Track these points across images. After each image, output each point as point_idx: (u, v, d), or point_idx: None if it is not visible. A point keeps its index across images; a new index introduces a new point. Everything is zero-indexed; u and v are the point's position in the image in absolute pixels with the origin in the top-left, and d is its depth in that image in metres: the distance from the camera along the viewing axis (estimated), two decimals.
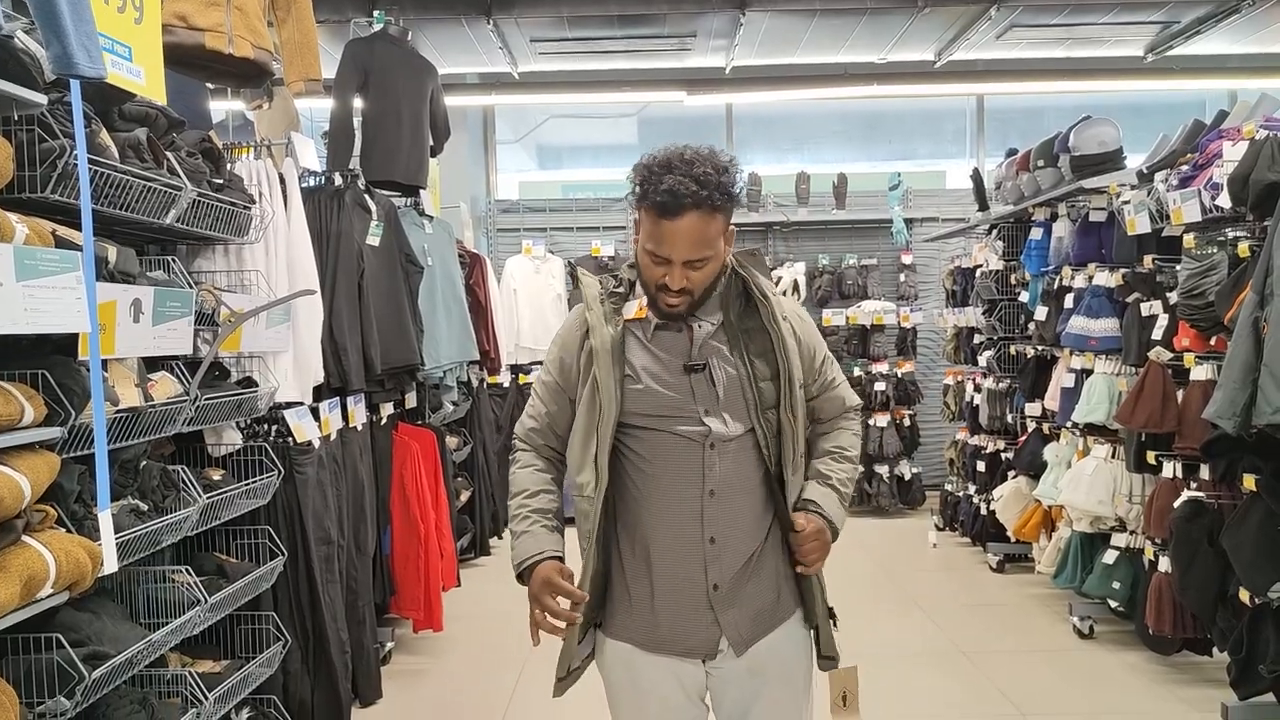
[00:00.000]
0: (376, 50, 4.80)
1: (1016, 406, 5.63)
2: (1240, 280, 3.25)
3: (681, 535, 1.87)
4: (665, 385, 1.87)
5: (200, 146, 2.87)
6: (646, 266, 1.84)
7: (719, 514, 1.86)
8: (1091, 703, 3.84)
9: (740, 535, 1.88)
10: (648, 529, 1.88)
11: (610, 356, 1.86)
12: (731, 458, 1.87)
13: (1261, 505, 3.23)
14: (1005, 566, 5.72)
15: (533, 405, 2.03)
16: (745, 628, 1.90)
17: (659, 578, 1.88)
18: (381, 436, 4.28)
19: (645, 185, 1.79)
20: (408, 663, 4.44)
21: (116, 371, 2.34)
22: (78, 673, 2.06)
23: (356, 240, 3.92)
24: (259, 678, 2.97)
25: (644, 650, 1.92)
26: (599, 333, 1.88)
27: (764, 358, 1.89)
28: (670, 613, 1.89)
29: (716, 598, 1.88)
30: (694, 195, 1.74)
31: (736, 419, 1.86)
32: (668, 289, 1.83)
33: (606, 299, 1.94)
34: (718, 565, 1.87)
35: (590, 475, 1.87)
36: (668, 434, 1.86)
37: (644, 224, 1.82)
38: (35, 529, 1.94)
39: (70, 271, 1.94)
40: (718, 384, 1.87)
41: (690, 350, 1.89)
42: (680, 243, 1.78)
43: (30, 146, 2.06)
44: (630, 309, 1.92)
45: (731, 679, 1.93)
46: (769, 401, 1.87)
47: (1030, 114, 8.49)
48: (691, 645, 1.91)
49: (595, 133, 8.96)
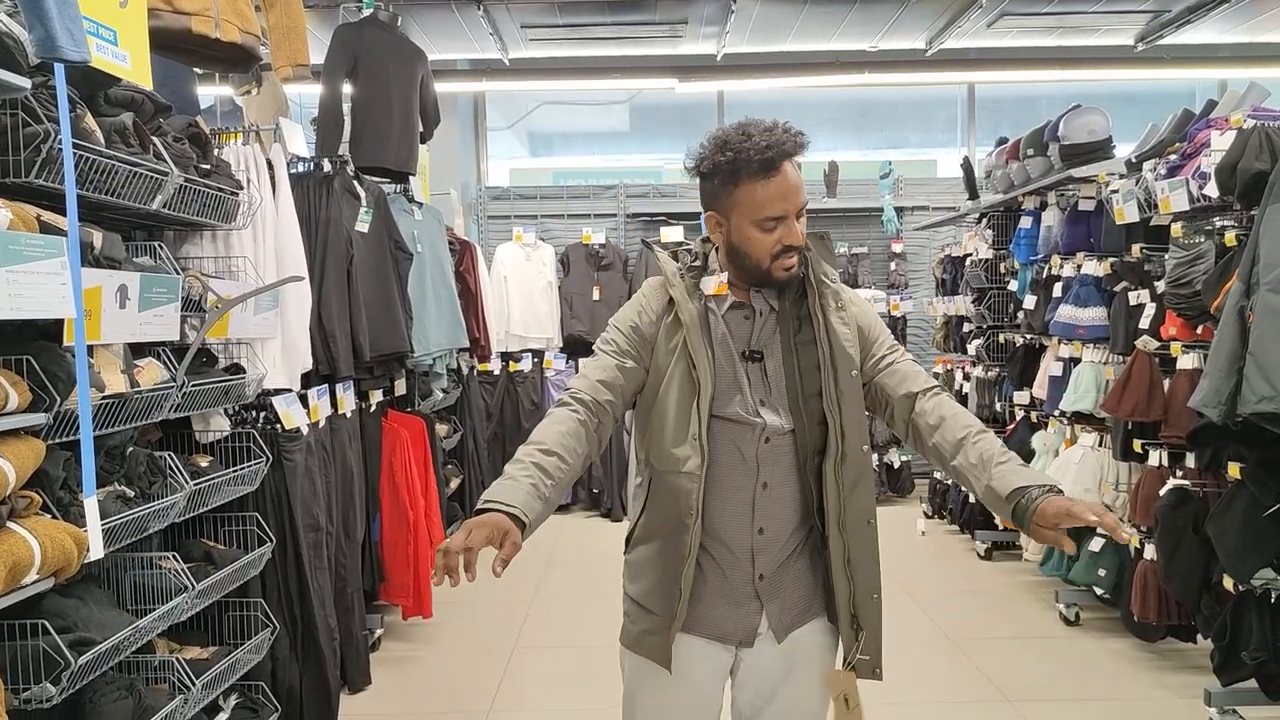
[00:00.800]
0: (366, 35, 4.77)
1: (1005, 395, 5.65)
2: (1227, 269, 3.27)
3: (734, 524, 1.87)
4: (729, 370, 1.87)
5: (187, 132, 2.85)
6: (758, 240, 1.82)
7: (769, 505, 1.87)
8: (1077, 689, 3.87)
9: (787, 527, 1.89)
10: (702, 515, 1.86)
11: (700, 332, 1.85)
12: (782, 450, 1.86)
13: (1246, 493, 3.25)
14: (993, 554, 5.75)
15: (596, 359, 1.93)
16: (785, 617, 1.92)
17: (708, 563, 1.89)
18: (371, 424, 4.27)
19: (738, 158, 1.78)
20: (397, 649, 4.45)
21: (102, 357, 2.33)
22: (64, 659, 2.05)
23: (345, 227, 3.90)
24: (247, 664, 2.97)
25: (683, 632, 1.91)
26: (686, 307, 1.86)
27: (808, 347, 1.88)
28: (715, 598, 1.90)
29: (761, 587, 1.89)
30: (790, 142, 1.80)
31: (789, 411, 1.86)
32: (789, 249, 1.82)
33: (686, 274, 1.93)
34: (765, 556, 1.88)
35: (690, 451, 1.82)
36: (727, 421, 1.85)
37: (749, 198, 1.80)
38: (20, 515, 1.93)
39: (55, 257, 1.93)
40: (770, 375, 1.87)
41: (751, 337, 1.89)
42: (792, 191, 1.80)
43: (14, 131, 2.04)
44: (710, 284, 1.90)
45: (764, 660, 1.94)
46: (812, 390, 1.86)
47: (1021, 103, 8.49)
48: (730, 630, 1.91)
49: (587, 120, 8.94)
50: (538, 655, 4.31)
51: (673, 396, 1.85)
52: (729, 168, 1.80)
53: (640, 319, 1.92)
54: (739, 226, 1.83)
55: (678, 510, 1.84)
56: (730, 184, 1.81)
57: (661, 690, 1.94)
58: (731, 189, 1.82)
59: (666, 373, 1.87)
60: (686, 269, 1.94)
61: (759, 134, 1.79)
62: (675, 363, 1.86)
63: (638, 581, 1.96)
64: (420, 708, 3.85)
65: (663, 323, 1.90)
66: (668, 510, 1.87)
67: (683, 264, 1.95)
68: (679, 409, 1.85)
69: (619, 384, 1.89)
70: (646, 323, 1.91)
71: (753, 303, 1.90)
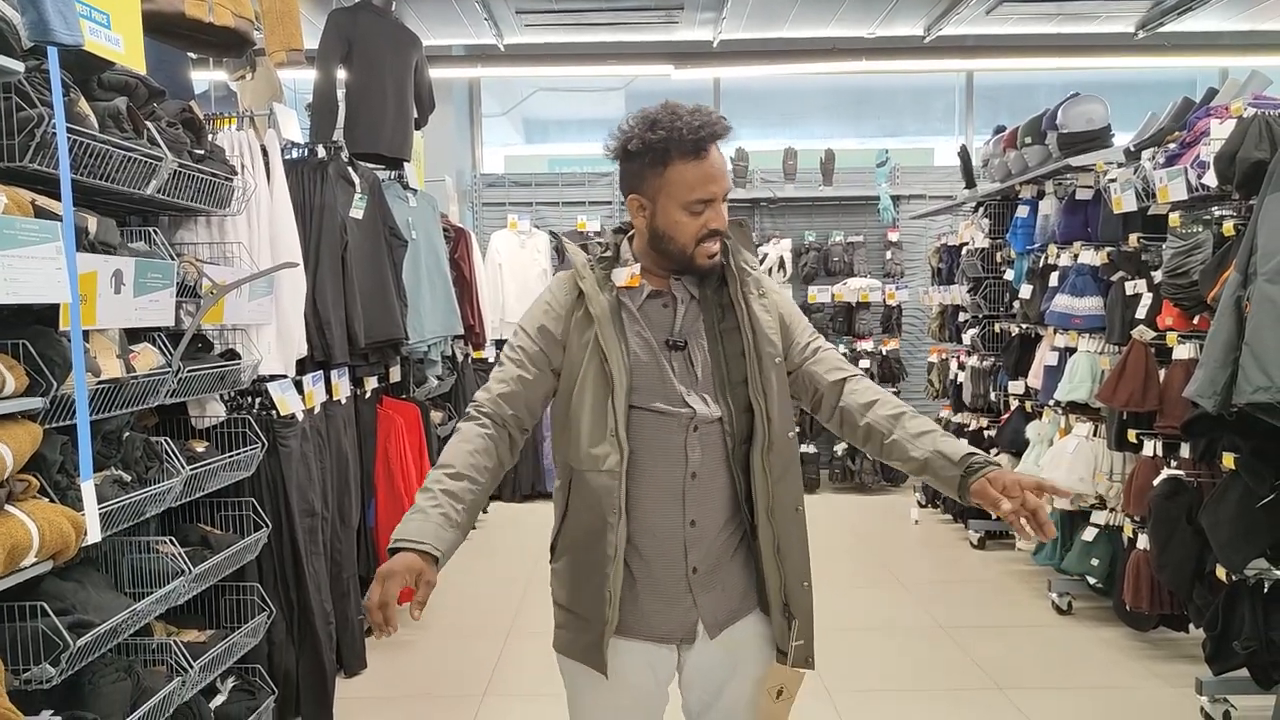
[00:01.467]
0: (360, 20, 4.75)
1: (1000, 384, 5.66)
2: (1224, 259, 3.26)
3: (664, 517, 1.83)
4: (649, 361, 1.83)
5: (181, 116, 2.84)
6: (684, 224, 1.79)
7: (699, 496, 1.83)
8: (1068, 677, 3.89)
9: (718, 518, 1.86)
10: (631, 511, 1.82)
11: (612, 325, 1.81)
12: (711, 438, 1.83)
13: (1240, 484, 3.26)
14: (986, 543, 5.77)
15: (502, 371, 1.89)
16: (721, 611, 1.88)
17: (639, 562, 1.84)
18: (365, 410, 4.27)
19: (669, 138, 1.75)
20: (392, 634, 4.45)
21: (98, 342, 2.33)
22: (62, 641, 2.06)
23: (340, 213, 3.89)
24: (244, 647, 2.98)
25: (619, 636, 1.86)
26: (596, 300, 1.82)
27: (732, 334, 1.85)
28: (649, 597, 1.85)
29: (695, 581, 1.85)
30: (719, 123, 1.77)
31: (715, 399, 1.83)
32: (715, 234, 1.80)
33: (596, 265, 1.89)
34: (698, 548, 1.84)
35: (609, 448, 1.78)
36: (651, 412, 1.82)
37: (678, 180, 1.77)
38: (18, 498, 1.93)
39: (50, 242, 1.92)
40: (696, 364, 1.84)
41: (673, 325, 1.86)
42: (720, 174, 1.78)
43: (8, 115, 2.03)
44: (621, 276, 1.86)
45: (706, 659, 1.90)
46: (737, 378, 1.84)
47: (1020, 91, 8.47)
48: (669, 630, 1.87)
49: (582, 106, 8.91)
50: (531, 640, 4.32)
51: (588, 394, 1.81)
52: (660, 147, 1.76)
53: (547, 319, 1.88)
54: (665, 209, 1.80)
55: (600, 510, 1.80)
56: (660, 165, 1.77)
57: (604, 695, 1.90)
58: (661, 170, 1.78)
59: (580, 370, 1.83)
60: (597, 260, 1.90)
61: (688, 114, 1.76)
62: (588, 359, 1.81)
63: (566, 588, 1.91)
64: (415, 691, 3.86)
65: (573, 318, 1.85)
66: (590, 511, 1.82)
67: (593, 255, 1.91)
68: (595, 406, 1.80)
69: (522, 395, 1.86)
70: (555, 321, 1.87)
71: (672, 290, 1.87)
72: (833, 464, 7.50)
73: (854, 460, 7.34)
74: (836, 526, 6.32)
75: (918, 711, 3.62)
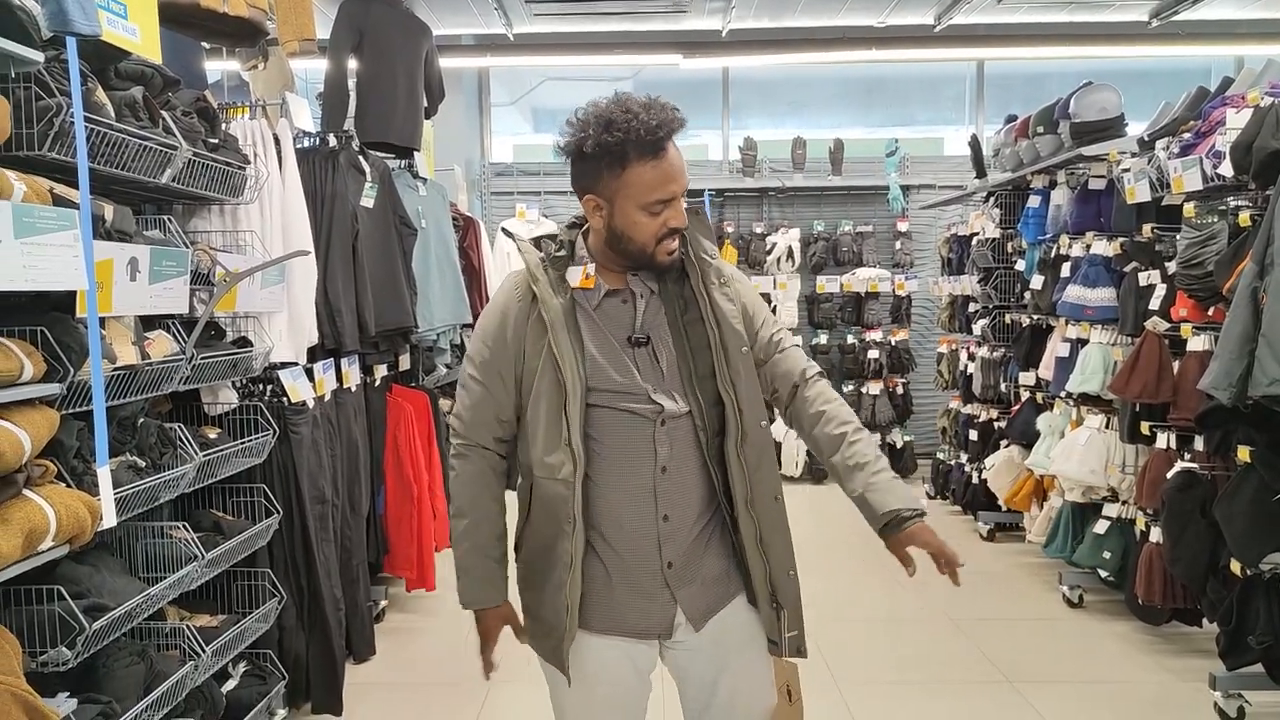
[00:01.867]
0: (371, 10, 4.74)
1: (1010, 375, 5.64)
2: (1240, 250, 3.24)
3: (636, 514, 1.81)
4: (612, 360, 1.79)
5: (195, 106, 2.85)
6: (644, 224, 1.75)
7: (671, 490, 1.81)
8: (1079, 671, 3.89)
9: (692, 511, 1.84)
10: (601, 509, 1.81)
11: (565, 330, 1.77)
12: (681, 433, 1.81)
13: (1255, 477, 3.24)
14: (996, 535, 5.77)
15: (467, 392, 1.87)
16: (701, 602, 1.86)
17: (613, 559, 1.83)
18: (375, 398, 4.28)
19: (626, 139, 1.69)
20: (401, 620, 4.48)
21: (114, 329, 2.34)
22: (78, 624, 2.08)
23: (351, 202, 3.89)
24: (255, 632, 3.00)
25: (596, 634, 1.85)
26: (550, 305, 1.77)
27: (696, 326, 1.82)
28: (626, 594, 1.83)
29: (671, 575, 1.83)
30: (674, 119, 1.73)
31: (682, 393, 1.81)
32: (674, 233, 1.76)
33: (549, 266, 1.83)
34: (672, 543, 1.82)
35: (563, 457, 1.75)
36: (618, 410, 1.79)
37: (636, 180, 1.72)
38: (35, 483, 1.94)
39: (68, 229, 1.92)
40: (661, 359, 1.81)
41: (634, 322, 1.82)
42: (679, 173, 1.74)
43: (27, 104, 2.04)
44: (575, 276, 1.82)
45: (695, 652, 1.89)
46: (704, 371, 1.81)
47: (1031, 80, 8.44)
48: (648, 626, 1.85)
49: (591, 96, 8.85)
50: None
51: (543, 401, 1.78)
52: (617, 149, 1.70)
53: (502, 328, 1.83)
54: (624, 210, 1.75)
55: (556, 518, 1.78)
56: (618, 166, 1.72)
57: (581, 690, 1.89)
58: (619, 171, 1.72)
59: (536, 377, 1.79)
60: (550, 259, 1.84)
61: (644, 111, 1.70)
62: (543, 366, 1.78)
63: (528, 590, 1.90)
64: (424, 677, 3.88)
65: (528, 323, 1.80)
66: (546, 518, 1.81)
67: (546, 253, 1.85)
68: (549, 414, 1.77)
69: (491, 415, 1.86)
70: (507, 329, 1.82)
71: (630, 287, 1.83)
72: None
73: None
74: (844, 518, 6.28)
75: (927, 704, 3.62)
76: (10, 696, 1.80)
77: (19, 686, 1.83)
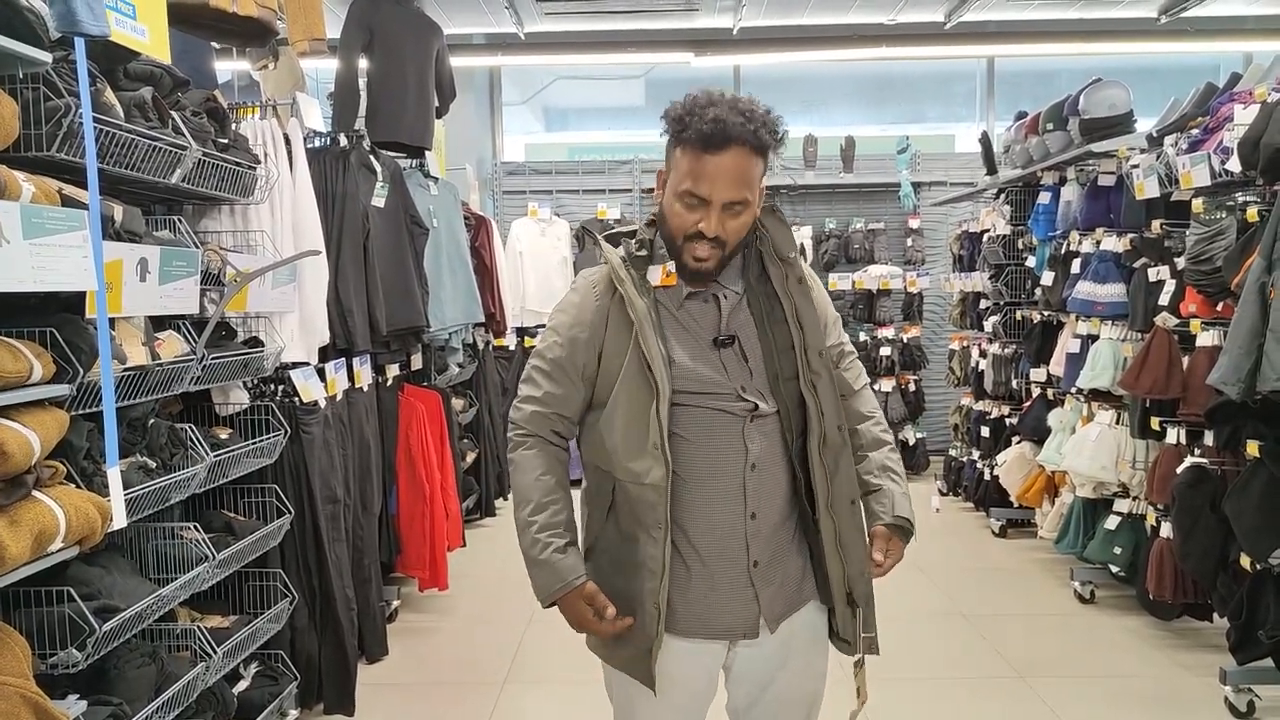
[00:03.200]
0: (381, 10, 4.76)
1: (1022, 372, 5.63)
2: (1248, 245, 3.23)
3: (726, 511, 1.78)
4: (699, 360, 1.77)
5: (205, 106, 2.86)
6: (678, 214, 1.72)
7: (760, 488, 1.79)
8: (1090, 666, 3.88)
9: (777, 510, 1.82)
10: (688, 507, 1.78)
11: (652, 329, 1.74)
12: (769, 430, 1.79)
13: (1265, 472, 3.24)
14: (1008, 531, 5.75)
15: (534, 385, 1.85)
16: (779, 604, 1.84)
17: (698, 558, 1.80)
18: (387, 397, 4.30)
19: (687, 119, 1.68)
20: (413, 621, 4.49)
21: (124, 330, 2.35)
22: (89, 625, 2.08)
23: (362, 201, 3.91)
24: (266, 633, 3.01)
25: (676, 636, 1.81)
26: (636, 305, 1.74)
27: (780, 327, 1.80)
28: (707, 594, 1.81)
29: (756, 574, 1.81)
30: (741, 127, 1.65)
31: (770, 392, 1.79)
32: (701, 237, 1.71)
33: (631, 265, 1.80)
34: (758, 541, 1.80)
35: (652, 462, 1.72)
36: (708, 410, 1.76)
37: (680, 165, 1.71)
38: (45, 484, 1.95)
39: (77, 230, 1.94)
40: (749, 358, 1.79)
41: (719, 323, 1.80)
42: (722, 180, 1.67)
43: (36, 105, 2.05)
44: (655, 275, 1.79)
45: (760, 653, 1.86)
46: (788, 373, 1.79)
47: (1041, 77, 8.40)
48: (731, 625, 1.82)
49: (602, 95, 8.91)
50: (551, 627, 4.30)
51: (626, 403, 1.75)
52: (676, 126, 1.70)
53: (579, 325, 1.81)
54: (669, 189, 1.75)
55: (643, 524, 1.75)
56: (675, 144, 1.73)
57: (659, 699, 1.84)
58: (674, 148, 1.73)
59: (617, 378, 1.76)
60: (631, 258, 1.81)
61: (722, 107, 1.67)
62: (627, 366, 1.75)
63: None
64: (436, 677, 3.89)
65: (608, 322, 1.79)
66: (631, 523, 1.78)
67: (627, 252, 1.82)
68: (633, 416, 1.74)
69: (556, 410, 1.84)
70: (586, 327, 1.81)
71: (711, 290, 1.81)
72: None
73: None
74: None
75: (939, 699, 3.62)
76: (20, 699, 1.81)
77: (28, 689, 1.84)
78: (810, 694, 1.95)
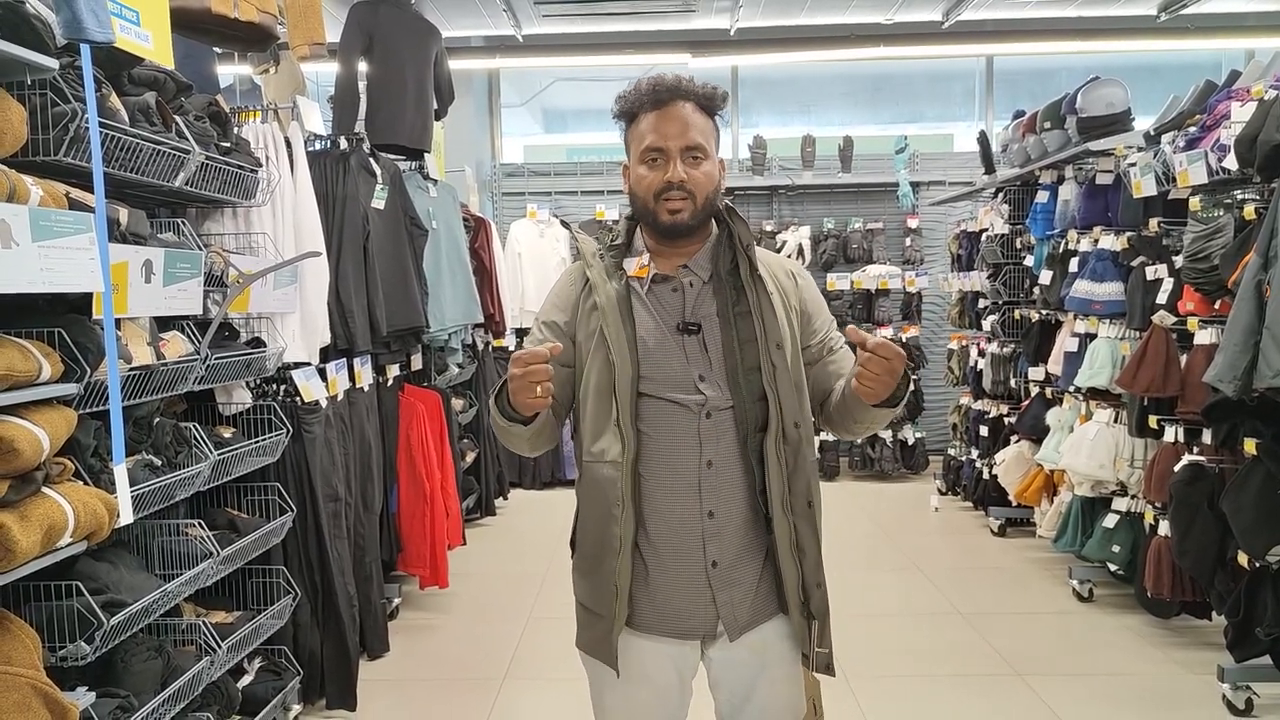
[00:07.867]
0: (380, 13, 4.79)
1: (1020, 371, 5.65)
2: (1245, 243, 3.25)
3: (682, 508, 1.78)
4: (662, 347, 1.79)
5: (208, 110, 2.89)
6: (643, 177, 1.79)
7: (717, 486, 1.78)
8: (1089, 664, 3.90)
9: (737, 511, 1.80)
10: (649, 502, 1.79)
11: (618, 313, 1.78)
12: (725, 427, 1.79)
13: (1262, 469, 3.25)
14: (1006, 530, 5.77)
15: None
16: (741, 611, 1.82)
17: (655, 554, 1.80)
18: (388, 397, 4.32)
19: (632, 95, 1.80)
20: (414, 618, 4.52)
21: (129, 330, 2.38)
22: (96, 619, 2.12)
23: (362, 203, 3.94)
24: (270, 629, 3.05)
25: (641, 633, 1.83)
26: (602, 289, 1.80)
27: (745, 318, 1.80)
28: (666, 591, 1.81)
29: (715, 576, 1.80)
30: (683, 84, 1.78)
31: (729, 385, 1.79)
32: (670, 187, 1.75)
33: (606, 254, 1.87)
34: (717, 541, 1.79)
35: (612, 440, 1.75)
36: (664, 400, 1.78)
37: (636, 135, 1.80)
38: (54, 481, 1.98)
39: (84, 232, 1.96)
40: (710, 348, 1.80)
41: (684, 309, 1.82)
42: (675, 126, 1.76)
43: (43, 110, 2.08)
44: (631, 265, 1.84)
45: (734, 661, 1.86)
46: (750, 364, 1.78)
47: (1040, 75, 8.41)
48: (689, 626, 1.82)
49: (600, 96, 8.91)
50: (551, 625, 4.37)
51: (594, 385, 1.79)
52: (625, 105, 1.81)
53: (555, 312, 1.87)
54: (634, 168, 1.82)
55: (606, 502, 1.78)
56: (629, 124, 1.83)
57: (623, 691, 1.87)
58: (629, 130, 1.83)
59: (588, 361, 1.81)
60: (607, 248, 1.88)
61: (661, 78, 1.80)
62: (595, 349, 1.79)
63: (581, 582, 1.88)
64: (437, 674, 3.91)
65: (581, 309, 1.84)
66: (597, 504, 1.80)
67: (603, 243, 1.89)
68: (599, 397, 1.78)
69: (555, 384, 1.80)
70: (562, 313, 1.86)
71: (679, 276, 1.83)
72: (853, 452, 7.50)
73: (874, 448, 7.35)
74: (857, 514, 6.34)
75: (938, 698, 3.64)
76: (31, 689, 1.85)
77: (39, 680, 1.88)
78: (796, 705, 1.94)
